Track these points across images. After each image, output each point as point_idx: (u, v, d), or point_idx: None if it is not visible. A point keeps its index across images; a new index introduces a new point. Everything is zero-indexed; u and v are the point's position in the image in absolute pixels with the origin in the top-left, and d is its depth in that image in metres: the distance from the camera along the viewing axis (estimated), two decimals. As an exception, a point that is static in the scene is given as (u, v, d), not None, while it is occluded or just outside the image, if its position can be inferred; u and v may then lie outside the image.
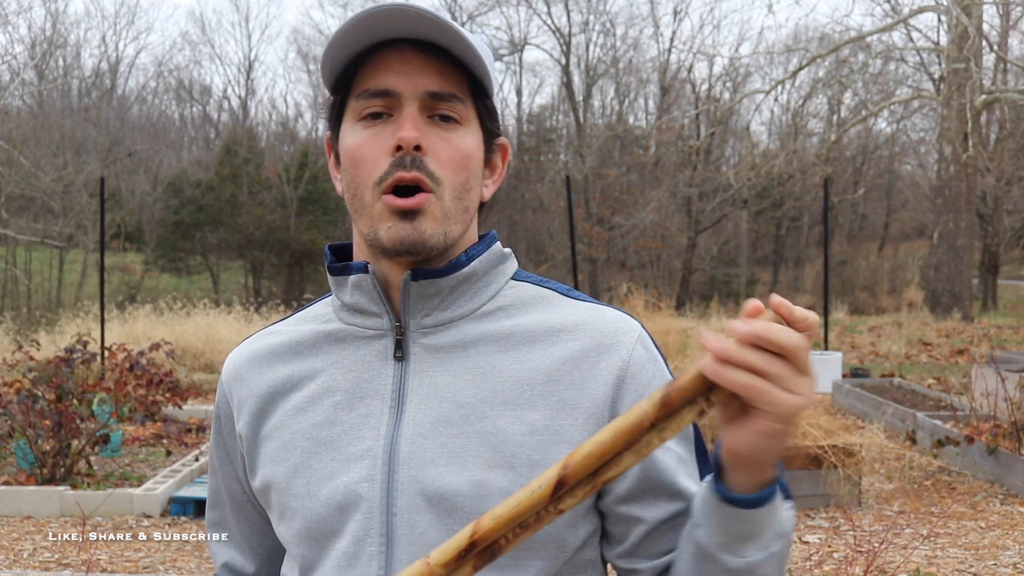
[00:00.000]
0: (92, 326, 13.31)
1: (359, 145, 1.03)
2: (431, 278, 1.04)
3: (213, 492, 1.22)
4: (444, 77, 1.02)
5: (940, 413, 7.62)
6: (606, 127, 30.93)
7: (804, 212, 29.61)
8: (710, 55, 26.92)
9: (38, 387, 6.32)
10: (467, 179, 1.04)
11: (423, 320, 1.06)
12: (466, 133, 1.04)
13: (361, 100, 1.03)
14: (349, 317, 1.09)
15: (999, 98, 17.93)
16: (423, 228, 1.01)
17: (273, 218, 26.53)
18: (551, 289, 1.12)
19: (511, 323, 1.07)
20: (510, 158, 1.16)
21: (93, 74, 31.12)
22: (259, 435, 1.11)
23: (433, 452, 1.01)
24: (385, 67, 1.02)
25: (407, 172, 1.00)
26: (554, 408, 1.02)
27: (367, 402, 1.06)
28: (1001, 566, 4.65)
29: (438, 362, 1.05)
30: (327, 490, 1.03)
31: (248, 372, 1.14)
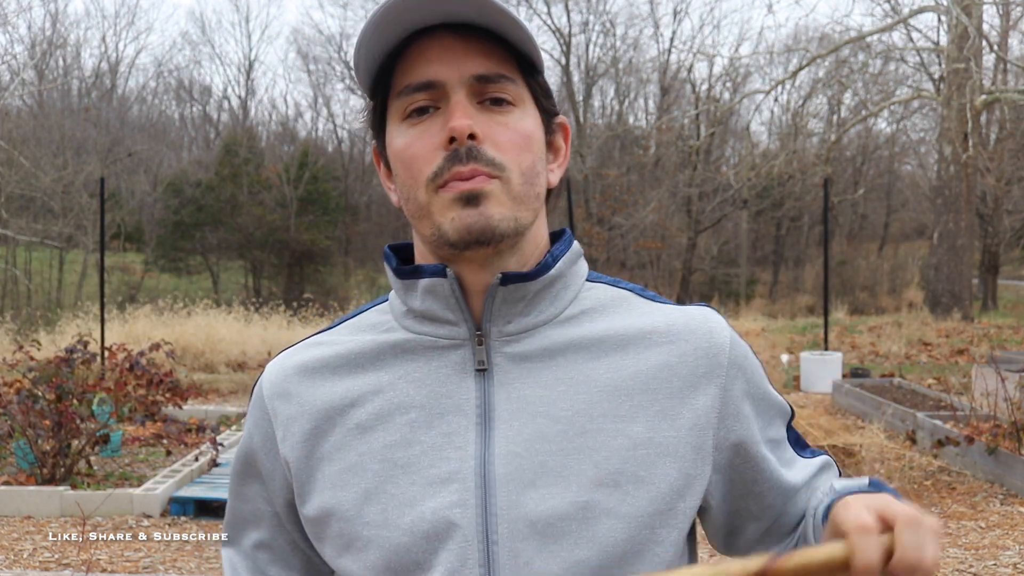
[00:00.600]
0: (92, 326, 13.31)
1: (407, 145, 0.95)
2: (521, 282, 0.96)
3: (233, 514, 1.10)
4: (490, 58, 0.94)
5: (940, 413, 7.62)
6: (606, 127, 30.93)
7: (804, 212, 29.62)
8: (710, 55, 26.91)
9: (38, 387, 6.32)
10: (533, 162, 0.96)
11: (505, 327, 0.98)
12: (523, 114, 0.96)
13: (403, 97, 0.95)
14: (417, 325, 0.99)
15: (999, 98, 17.94)
16: (490, 212, 0.92)
17: (273, 218, 26.54)
18: (627, 289, 1.05)
19: (598, 328, 0.99)
20: (572, 138, 1.08)
21: (93, 74, 31.14)
22: (313, 457, 0.99)
23: (532, 472, 0.93)
24: (424, 58, 0.93)
25: (464, 165, 0.91)
26: (655, 419, 0.96)
27: (448, 419, 0.96)
28: (1001, 566, 4.65)
29: (525, 373, 0.97)
30: (410, 517, 0.94)
31: (297, 387, 1.01)
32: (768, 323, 19.19)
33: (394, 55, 0.95)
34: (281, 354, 1.07)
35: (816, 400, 9.69)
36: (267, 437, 1.03)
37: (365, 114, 1.03)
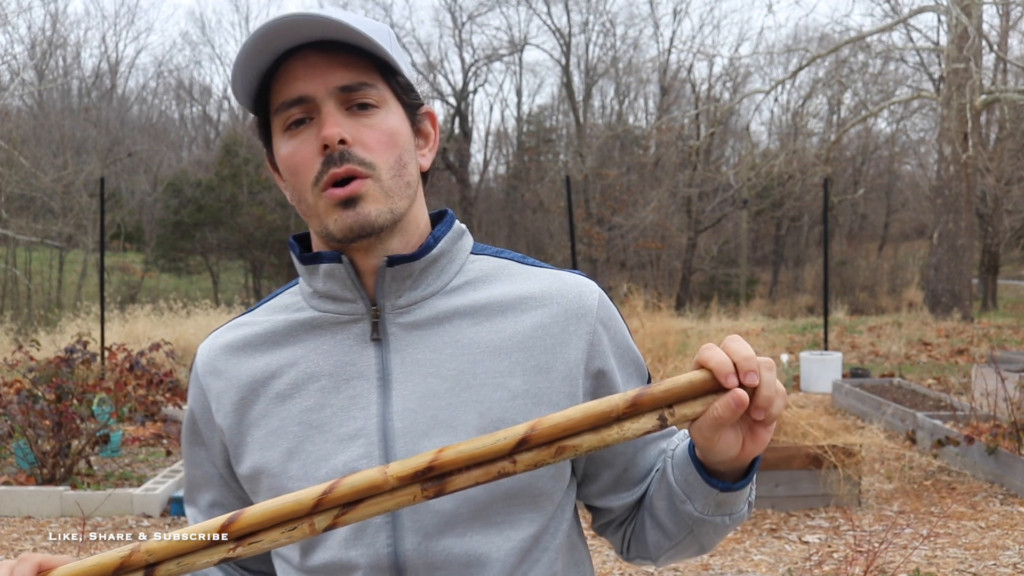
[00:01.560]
0: (92, 326, 13.31)
1: (291, 154, 1.08)
2: (405, 263, 1.10)
3: (189, 478, 1.24)
4: (349, 69, 1.07)
5: (940, 413, 7.62)
6: (606, 127, 30.93)
7: (804, 212, 29.61)
8: (710, 55, 26.90)
9: (38, 387, 6.32)
10: (399, 155, 1.09)
11: (397, 301, 1.11)
12: (387, 114, 1.09)
13: (281, 113, 1.08)
14: (322, 304, 1.13)
15: (999, 98, 17.93)
16: (367, 211, 1.06)
17: (273, 218, 26.53)
18: (508, 259, 1.18)
19: (480, 295, 1.13)
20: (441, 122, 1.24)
21: (93, 74, 31.14)
22: (243, 424, 1.14)
23: (425, 424, 1.07)
24: (292, 76, 1.07)
25: (339, 167, 1.05)
26: (531, 373, 1.09)
27: (353, 384, 1.10)
28: (1001, 566, 4.65)
29: (416, 339, 1.11)
30: (325, 470, 1.07)
31: (224, 364, 1.16)
32: (768, 323, 19.18)
33: (268, 75, 1.09)
34: (210, 335, 1.21)
35: (816, 400, 9.69)
36: (204, 409, 1.17)
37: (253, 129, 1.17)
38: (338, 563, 1.08)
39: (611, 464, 1.18)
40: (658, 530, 1.15)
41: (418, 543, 1.06)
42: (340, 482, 0.92)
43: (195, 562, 0.95)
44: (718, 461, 1.02)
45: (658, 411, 0.93)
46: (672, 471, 1.10)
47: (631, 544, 1.22)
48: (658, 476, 1.15)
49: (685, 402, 0.94)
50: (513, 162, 33.80)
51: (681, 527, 1.12)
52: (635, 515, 1.20)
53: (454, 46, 32.23)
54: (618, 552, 1.26)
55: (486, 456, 0.91)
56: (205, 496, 1.23)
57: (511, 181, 32.23)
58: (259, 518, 0.92)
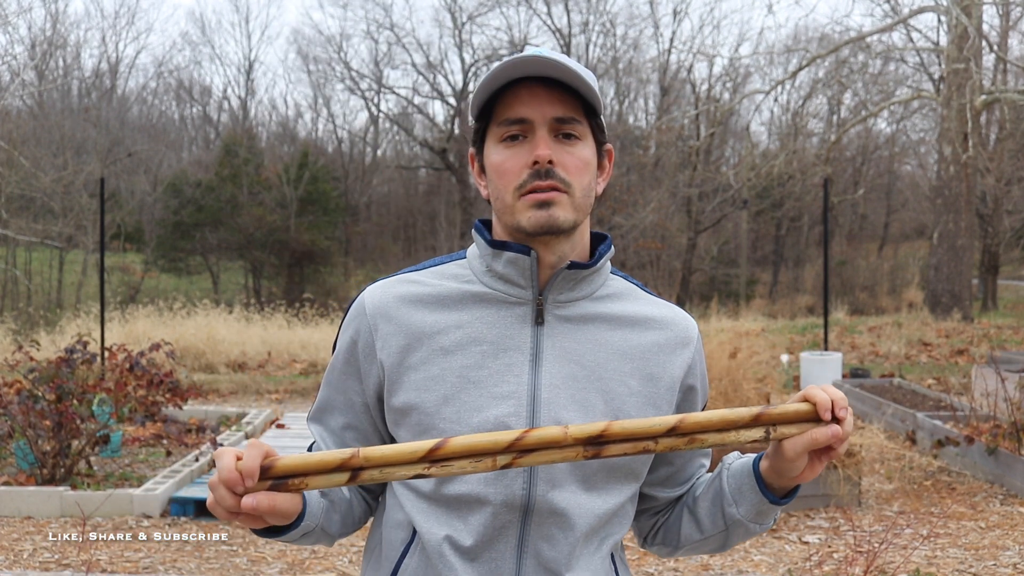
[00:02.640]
0: (92, 326, 13.31)
1: (503, 161, 1.33)
2: (579, 268, 1.35)
3: (326, 400, 1.42)
4: (565, 104, 1.32)
5: (940, 413, 7.62)
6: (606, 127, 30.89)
7: (804, 212, 29.59)
8: (710, 55, 26.89)
9: (38, 387, 6.31)
10: (590, 181, 1.36)
11: (559, 296, 1.36)
12: (584, 146, 1.35)
13: (502, 127, 1.33)
14: (495, 283, 1.36)
15: (999, 98, 17.92)
16: (556, 215, 1.30)
17: (273, 218, 26.52)
18: (633, 284, 1.46)
19: (617, 308, 1.40)
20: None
21: (93, 74, 31.12)
22: (403, 364, 1.34)
23: (566, 399, 1.31)
24: (518, 100, 1.31)
25: (543, 181, 1.30)
26: (645, 379, 1.37)
27: (510, 354, 1.33)
28: (1001, 566, 4.65)
29: (566, 330, 1.35)
30: (477, 419, 1.29)
31: (396, 311, 1.36)
32: (768, 323, 19.17)
33: (496, 95, 1.33)
34: (379, 282, 1.42)
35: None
36: (368, 344, 1.37)
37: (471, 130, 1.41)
38: (474, 496, 1.29)
39: (671, 463, 1.46)
40: (694, 525, 1.44)
41: (546, 492, 1.29)
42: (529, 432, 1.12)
43: (395, 472, 1.13)
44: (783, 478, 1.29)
45: (765, 427, 1.18)
46: (727, 479, 1.38)
47: (660, 532, 1.50)
48: (708, 480, 1.44)
49: (786, 424, 1.20)
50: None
51: (717, 526, 1.40)
52: (672, 509, 1.49)
53: (454, 46, 32.22)
54: (641, 537, 1.54)
55: (641, 434, 1.13)
56: (339, 419, 1.41)
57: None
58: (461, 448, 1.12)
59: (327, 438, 1.42)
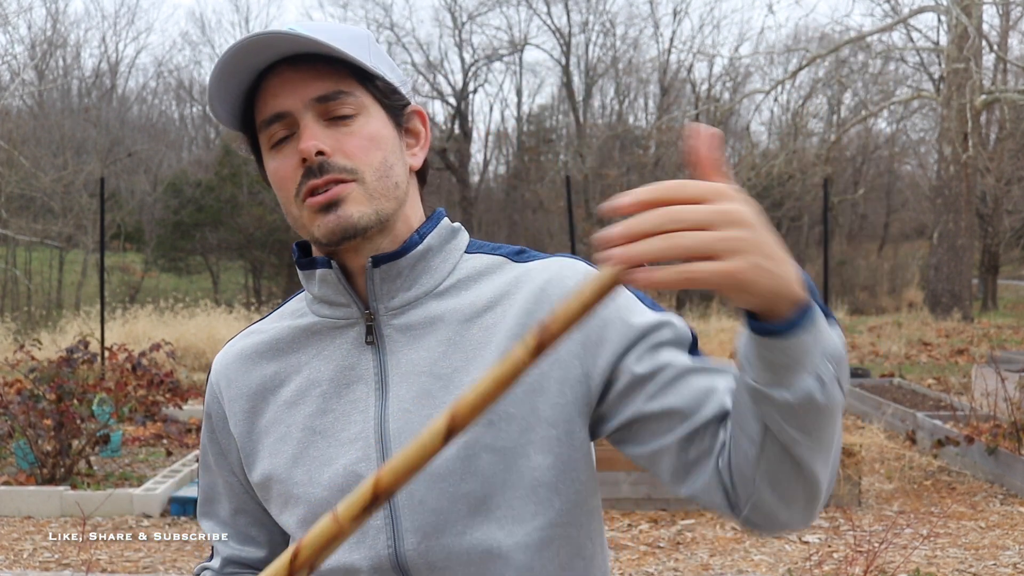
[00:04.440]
0: (93, 326, 13.31)
1: (275, 169, 1.10)
2: (390, 261, 1.10)
3: (208, 489, 1.26)
4: (324, 80, 1.07)
5: (940, 413, 7.62)
6: (606, 127, 30.93)
7: (804, 212, 29.59)
8: (710, 55, 26.91)
9: (39, 387, 6.31)
10: (384, 157, 1.09)
11: (390, 303, 1.12)
12: (366, 119, 1.09)
13: (264, 131, 1.10)
14: (321, 309, 1.15)
15: (999, 98, 17.93)
16: (348, 212, 1.06)
17: (273, 218, 26.50)
18: (503, 255, 1.16)
19: (472, 294, 1.12)
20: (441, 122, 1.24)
21: (93, 74, 31.13)
22: (254, 432, 1.16)
23: (419, 425, 1.06)
24: (271, 93, 1.08)
25: (317, 178, 1.06)
26: None
27: (353, 388, 1.11)
28: (1001, 566, 4.65)
29: (410, 340, 1.11)
30: (327, 475, 1.10)
31: (235, 373, 1.19)
32: (768, 323, 19.16)
33: (250, 94, 1.10)
34: (226, 344, 1.24)
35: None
36: (220, 417, 1.20)
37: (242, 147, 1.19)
38: (341, 568, 1.09)
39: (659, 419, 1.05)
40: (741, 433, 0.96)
41: (417, 543, 1.06)
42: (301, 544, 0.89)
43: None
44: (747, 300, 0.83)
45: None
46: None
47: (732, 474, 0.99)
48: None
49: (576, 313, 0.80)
50: (513, 162, 33.81)
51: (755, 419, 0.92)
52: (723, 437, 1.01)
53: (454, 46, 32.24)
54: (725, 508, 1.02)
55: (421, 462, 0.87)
56: (226, 505, 1.24)
57: (511, 181, 32.23)
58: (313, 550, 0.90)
59: (220, 531, 1.25)
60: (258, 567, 1.25)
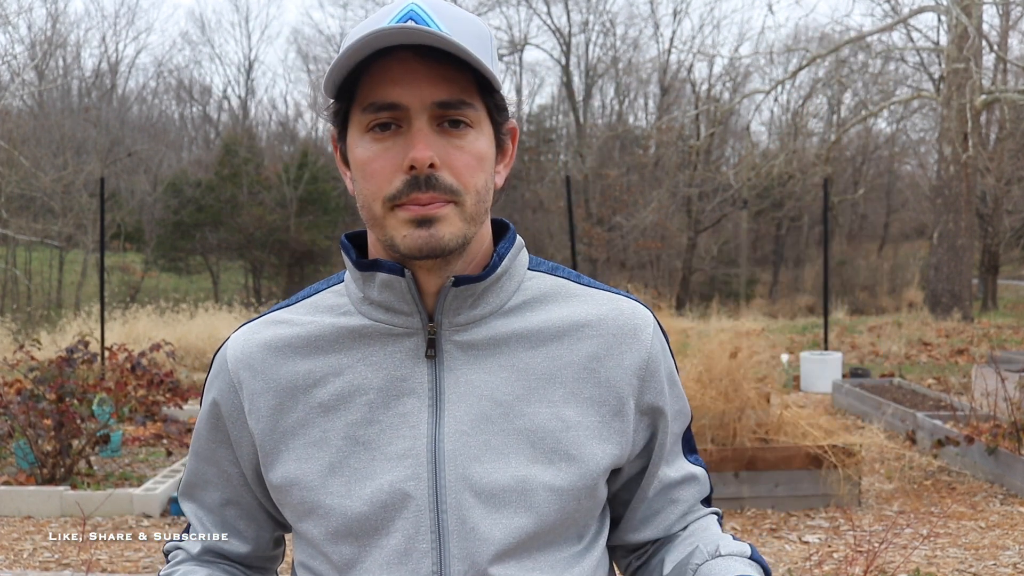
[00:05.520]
0: (92, 326, 13.31)
1: (370, 159, 1.02)
2: (471, 283, 1.06)
3: (194, 474, 1.20)
4: (451, 83, 1.00)
5: (940, 413, 7.62)
6: (606, 127, 30.93)
7: (804, 212, 29.60)
8: (710, 55, 26.89)
9: (39, 387, 6.31)
10: (485, 180, 1.05)
11: (455, 319, 1.08)
12: (478, 135, 1.04)
13: (368, 113, 1.01)
14: (375, 313, 1.09)
15: (999, 98, 17.93)
16: (441, 234, 1.01)
17: (273, 218, 26.53)
18: (564, 277, 1.15)
19: (538, 318, 1.10)
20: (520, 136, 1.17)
21: (93, 74, 31.13)
22: (277, 430, 1.09)
23: (477, 449, 1.04)
24: (389, 79, 1.00)
25: (423, 193, 1.00)
26: (585, 404, 1.07)
27: (404, 401, 1.06)
28: (1001, 566, 4.65)
29: (472, 360, 1.07)
30: (370, 489, 1.04)
31: (262, 364, 1.11)
32: (768, 323, 19.17)
33: (359, 69, 1.01)
34: (244, 327, 1.15)
35: (816, 400, 9.69)
36: (234, 407, 1.12)
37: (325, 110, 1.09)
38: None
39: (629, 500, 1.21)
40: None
41: (465, 571, 1.03)
42: None
43: None
44: None
45: None
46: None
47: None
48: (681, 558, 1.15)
49: None
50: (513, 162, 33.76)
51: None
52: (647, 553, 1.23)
53: (454, 46, 32.19)
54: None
55: None
56: (215, 494, 1.20)
57: (511, 181, 32.23)
58: None
59: (204, 518, 1.21)
60: (240, 561, 1.22)
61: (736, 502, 5.62)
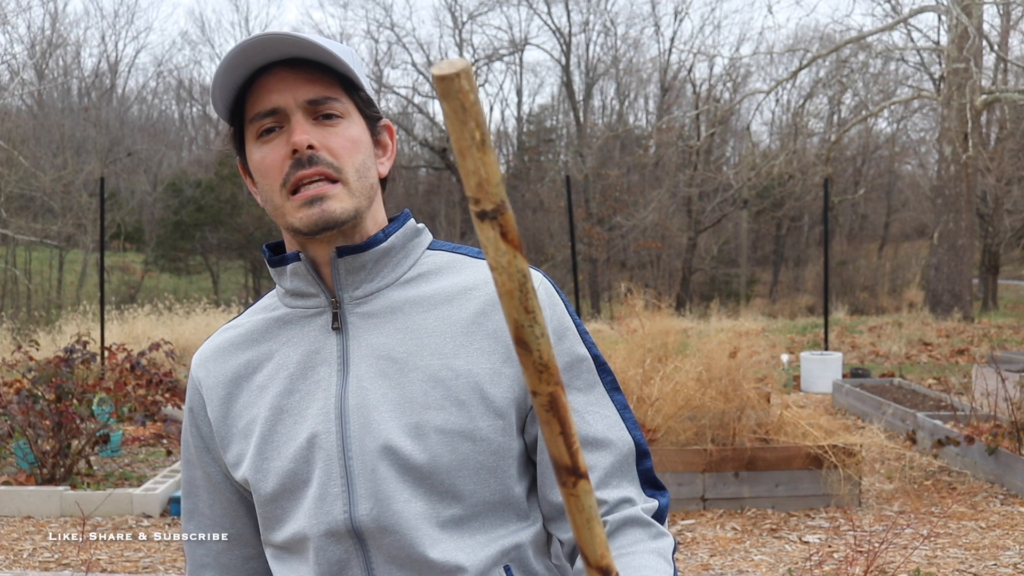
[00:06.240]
0: (92, 326, 13.30)
1: (261, 159, 1.20)
2: (354, 254, 1.22)
3: (188, 483, 1.35)
4: (317, 84, 1.19)
5: (940, 413, 7.62)
6: (606, 127, 30.93)
7: (804, 212, 29.61)
8: (710, 55, 26.89)
9: (38, 387, 6.31)
10: (363, 160, 1.21)
11: (354, 293, 1.23)
12: (349, 124, 1.21)
13: (254, 123, 1.20)
14: (292, 301, 1.26)
15: (999, 98, 17.92)
16: (332, 208, 1.17)
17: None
18: (463, 254, 1.29)
19: (431, 287, 1.24)
20: (397, 136, 1.32)
21: (93, 74, 31.13)
22: (229, 416, 1.26)
23: (376, 400, 1.18)
24: (266, 90, 1.18)
25: (306, 169, 1.17)
26: (474, 355, 1.19)
27: (318, 370, 1.22)
28: (1001, 566, 4.65)
29: (372, 326, 1.22)
30: (292, 448, 1.20)
31: (213, 364, 1.29)
32: (768, 323, 19.17)
33: (244, 89, 1.20)
34: (206, 341, 1.34)
35: (816, 400, 9.69)
36: (200, 407, 1.30)
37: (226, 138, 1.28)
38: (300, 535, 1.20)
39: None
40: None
41: (371, 508, 1.16)
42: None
43: None
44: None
45: None
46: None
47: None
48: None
49: None
50: (513, 162, 33.80)
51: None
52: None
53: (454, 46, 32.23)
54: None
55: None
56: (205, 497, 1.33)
57: (511, 181, 32.22)
58: None
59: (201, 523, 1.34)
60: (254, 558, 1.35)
61: (736, 502, 5.62)
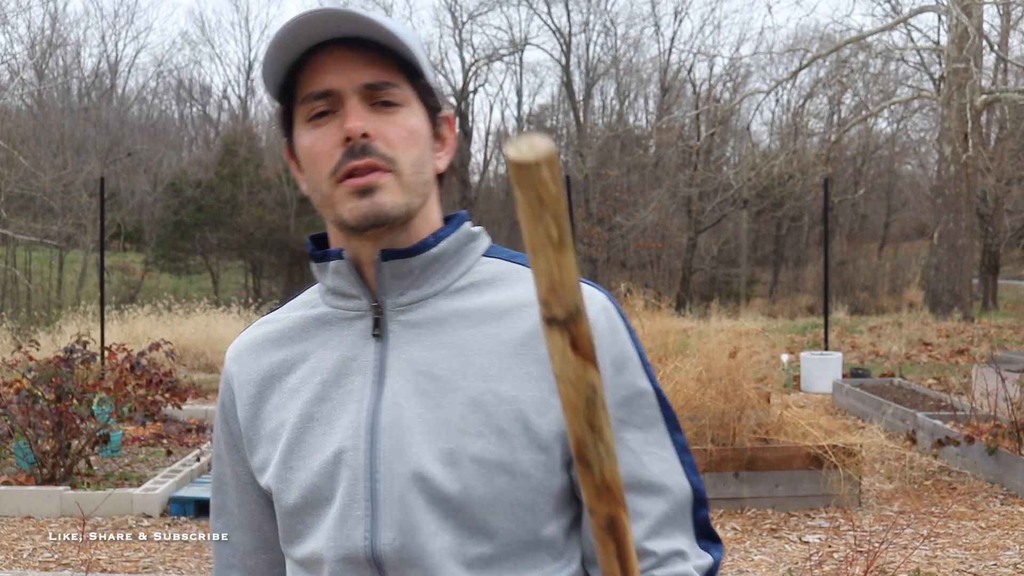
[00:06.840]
0: (92, 326, 13.30)
1: (311, 143, 1.09)
2: (400, 258, 1.11)
3: (218, 478, 1.27)
4: (377, 67, 1.08)
5: (940, 413, 7.62)
6: (606, 127, 30.93)
7: (804, 212, 29.61)
8: (710, 55, 26.90)
9: (38, 387, 6.31)
10: (419, 154, 1.10)
11: (398, 299, 1.13)
12: (409, 113, 1.10)
13: (306, 104, 1.10)
14: (333, 300, 1.17)
15: (999, 98, 17.93)
16: (383, 201, 1.06)
17: (273, 218, 26.53)
18: (520, 263, 1.17)
19: (483, 299, 1.13)
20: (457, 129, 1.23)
21: (93, 74, 31.13)
22: (258, 417, 1.18)
23: (410, 420, 1.08)
24: (321, 70, 1.08)
25: (359, 160, 1.06)
26: (521, 380, 1.08)
27: (352, 378, 1.12)
28: (1001, 566, 4.65)
29: (414, 338, 1.12)
30: (319, 460, 1.11)
31: (247, 359, 1.21)
32: (768, 323, 19.17)
33: (296, 68, 1.10)
34: (240, 334, 1.26)
35: (816, 400, 9.69)
36: (232, 404, 1.22)
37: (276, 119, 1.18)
38: (317, 556, 1.11)
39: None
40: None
41: (393, 538, 1.06)
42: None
43: None
44: None
45: None
46: None
47: None
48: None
49: None
50: (513, 162, 33.75)
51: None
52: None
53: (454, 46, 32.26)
54: None
55: None
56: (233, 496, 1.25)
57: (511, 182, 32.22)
58: None
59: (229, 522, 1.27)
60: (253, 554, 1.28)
61: (736, 502, 5.62)
